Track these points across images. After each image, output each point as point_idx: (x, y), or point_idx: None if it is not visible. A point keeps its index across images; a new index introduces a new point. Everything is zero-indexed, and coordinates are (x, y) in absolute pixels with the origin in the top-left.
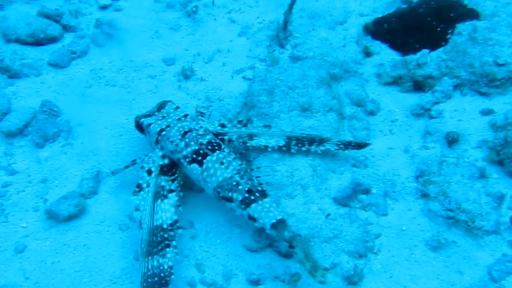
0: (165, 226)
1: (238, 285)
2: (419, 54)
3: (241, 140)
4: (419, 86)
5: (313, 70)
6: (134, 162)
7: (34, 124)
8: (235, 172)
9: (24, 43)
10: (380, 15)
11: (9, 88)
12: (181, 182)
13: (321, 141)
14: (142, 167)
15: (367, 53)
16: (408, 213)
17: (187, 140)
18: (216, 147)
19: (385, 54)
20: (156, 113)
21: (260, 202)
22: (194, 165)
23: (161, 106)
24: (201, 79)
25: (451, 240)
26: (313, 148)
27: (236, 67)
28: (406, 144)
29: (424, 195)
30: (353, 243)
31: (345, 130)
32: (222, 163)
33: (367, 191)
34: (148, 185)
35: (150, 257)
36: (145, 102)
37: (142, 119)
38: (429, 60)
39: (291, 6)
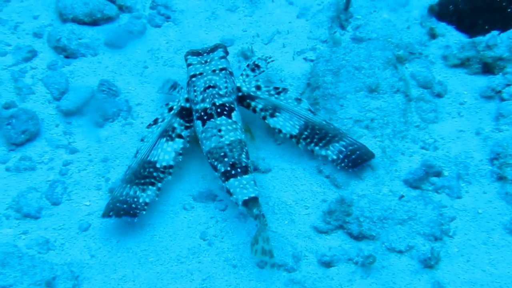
0: (158, 165)
1: (309, 266)
2: (488, 35)
3: (262, 113)
4: (488, 68)
5: (378, 51)
6: (175, 86)
7: (93, 103)
8: (227, 143)
9: (81, 22)
10: None
11: (66, 68)
12: (193, 134)
13: (332, 138)
14: (167, 104)
15: (432, 35)
16: (483, 196)
17: (205, 95)
18: (225, 112)
19: (451, 36)
20: (205, 54)
21: (238, 177)
22: (198, 122)
23: (213, 48)
24: None
25: None
26: (316, 149)
27: (297, 48)
28: (477, 127)
29: (500, 178)
30: (429, 226)
31: (413, 112)
32: (220, 130)
33: (438, 174)
34: (163, 121)
35: (129, 185)
36: None
37: (189, 56)
38: (499, 41)
39: None
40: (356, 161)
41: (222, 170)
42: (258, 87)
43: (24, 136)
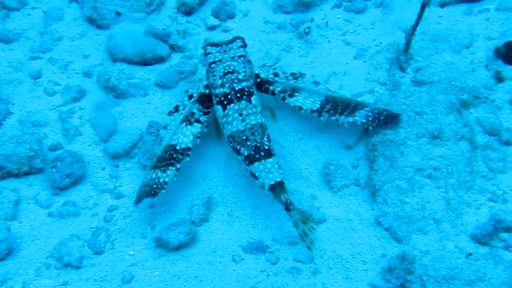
0: (178, 148)
1: None
2: None
3: (282, 94)
4: None
5: (441, 95)
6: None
7: (141, 146)
8: (248, 126)
9: (131, 62)
10: (511, 39)
11: (115, 108)
12: (210, 120)
13: (356, 107)
14: (187, 91)
15: (499, 78)
16: None
17: (224, 80)
18: (245, 97)
19: None
20: (224, 45)
21: (263, 161)
22: (219, 107)
23: (232, 40)
24: None
25: None
26: (341, 118)
27: (354, 90)
28: None
29: None
30: None
31: (479, 161)
32: (241, 114)
33: (509, 229)
34: (184, 108)
35: (153, 170)
36: None
37: (208, 46)
38: None
39: (414, 27)
40: (386, 120)
41: (246, 153)
42: (275, 74)
43: (68, 180)
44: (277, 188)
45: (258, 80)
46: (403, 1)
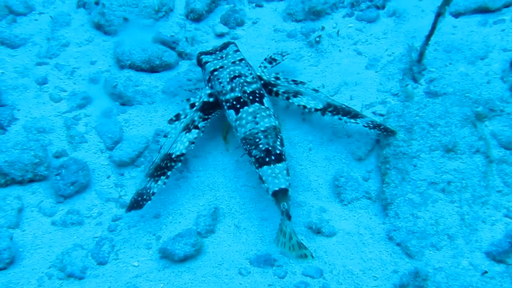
0: (173, 156)
1: None
2: None
3: (286, 95)
4: None
5: (456, 107)
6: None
7: (147, 154)
8: (262, 129)
9: (138, 69)
10: None
11: (121, 116)
12: (208, 125)
13: (355, 115)
14: (188, 100)
15: None
16: None
17: (233, 85)
18: (257, 99)
19: None
20: (217, 52)
21: (272, 165)
22: (231, 111)
23: (223, 46)
24: None
25: None
26: (344, 118)
27: (365, 101)
28: None
29: None
30: None
31: (494, 175)
32: (255, 117)
33: None
34: (185, 117)
35: (149, 179)
36: None
37: (203, 56)
38: None
39: (428, 37)
40: (386, 129)
41: (257, 156)
42: (277, 78)
43: (73, 188)
44: (280, 194)
45: (261, 82)
46: (416, 11)
